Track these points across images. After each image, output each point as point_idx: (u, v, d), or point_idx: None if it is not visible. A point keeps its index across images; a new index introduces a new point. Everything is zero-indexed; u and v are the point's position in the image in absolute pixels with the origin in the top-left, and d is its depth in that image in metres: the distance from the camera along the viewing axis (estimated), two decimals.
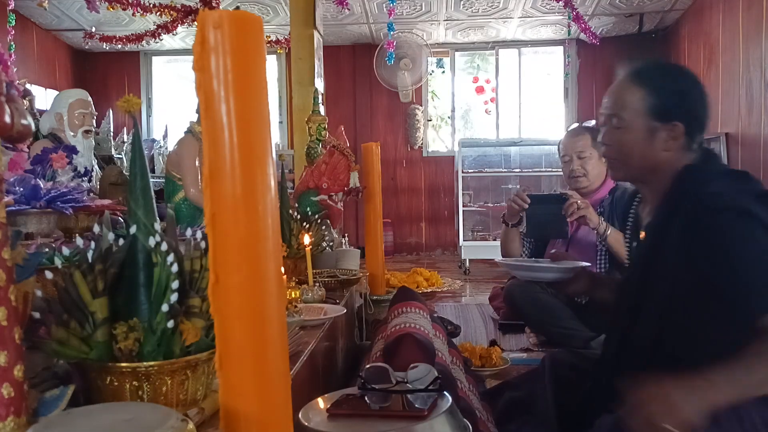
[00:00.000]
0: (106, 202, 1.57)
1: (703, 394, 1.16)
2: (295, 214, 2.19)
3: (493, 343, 2.68)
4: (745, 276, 1.27)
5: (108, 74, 7.63)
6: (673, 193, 1.43)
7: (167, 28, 5.82)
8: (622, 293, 1.58)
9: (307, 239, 1.85)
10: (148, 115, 7.77)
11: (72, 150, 1.69)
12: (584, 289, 1.81)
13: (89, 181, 2.31)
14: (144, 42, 6.33)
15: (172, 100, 7.89)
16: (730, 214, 1.29)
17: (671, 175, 1.45)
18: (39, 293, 0.79)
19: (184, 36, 6.97)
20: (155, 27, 5.91)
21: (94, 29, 6.47)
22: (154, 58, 7.80)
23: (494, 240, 6.15)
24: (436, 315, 2.11)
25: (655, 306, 1.40)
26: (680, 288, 1.35)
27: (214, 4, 5.13)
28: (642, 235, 1.56)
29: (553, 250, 1.67)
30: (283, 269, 0.95)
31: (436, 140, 7.92)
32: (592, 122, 4.97)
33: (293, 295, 1.71)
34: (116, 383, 0.78)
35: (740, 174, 1.42)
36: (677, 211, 1.38)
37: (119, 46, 6.42)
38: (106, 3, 5.19)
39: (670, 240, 1.38)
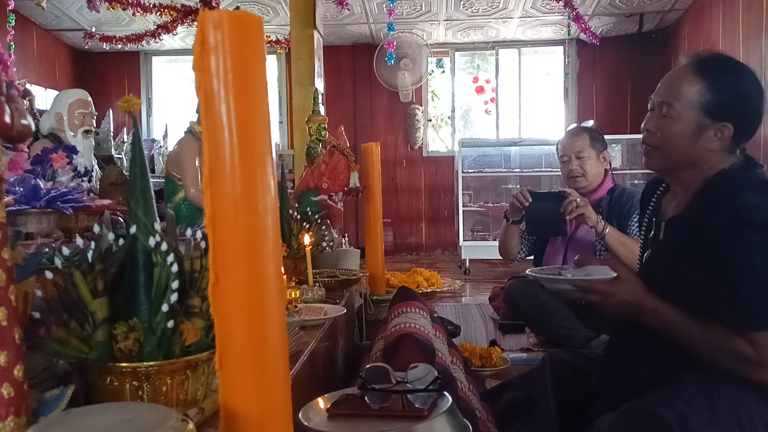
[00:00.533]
0: (106, 202, 1.57)
1: (647, 312, 1.39)
2: (295, 214, 2.19)
3: (493, 343, 2.68)
4: (748, 291, 1.27)
5: (108, 74, 7.63)
6: (707, 195, 1.40)
7: (167, 28, 5.82)
8: None
9: (307, 239, 1.85)
10: (148, 115, 7.77)
11: (72, 150, 1.69)
12: None
13: (89, 181, 2.31)
14: (144, 42, 6.33)
15: (172, 100, 7.89)
16: (758, 228, 1.27)
17: (706, 175, 1.42)
18: (39, 293, 0.79)
19: (184, 36, 6.97)
20: (155, 27, 5.92)
21: (94, 29, 6.47)
22: (154, 58, 7.80)
23: (494, 240, 6.13)
24: (436, 315, 2.10)
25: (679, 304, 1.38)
26: (702, 294, 1.34)
27: (214, 4, 5.13)
28: (662, 226, 1.52)
29: (576, 257, 1.63)
30: (282, 269, 0.95)
31: (436, 140, 7.92)
32: (591, 122, 4.93)
33: (293, 295, 1.71)
34: (116, 383, 0.78)
35: None
36: (709, 217, 1.35)
37: (119, 46, 6.42)
38: (106, 3, 5.19)
39: (699, 248, 1.35)
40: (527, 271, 1.75)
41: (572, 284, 1.49)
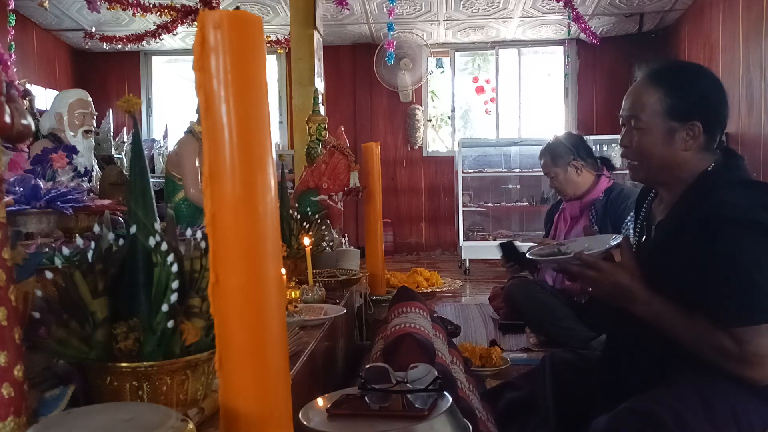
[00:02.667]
0: (106, 202, 1.57)
1: (639, 302, 1.40)
2: (295, 214, 2.19)
3: (493, 343, 2.68)
4: (731, 287, 1.29)
5: (108, 74, 7.63)
6: (688, 197, 1.44)
7: (167, 28, 5.82)
8: None
9: (306, 241, 1.85)
10: (148, 115, 7.77)
11: (72, 150, 1.69)
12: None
13: (89, 181, 2.31)
14: (144, 42, 6.33)
15: (172, 100, 7.89)
16: (737, 224, 1.30)
17: (689, 176, 1.45)
18: (39, 293, 0.79)
19: (184, 36, 6.97)
20: (155, 27, 5.91)
21: (94, 29, 6.47)
22: (154, 58, 7.80)
23: (494, 240, 6.15)
24: (436, 315, 2.10)
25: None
26: (688, 292, 1.36)
27: (214, 4, 5.13)
28: (653, 230, 1.55)
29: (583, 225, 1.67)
30: (284, 270, 0.95)
31: (436, 140, 7.92)
32: (560, 134, 4.52)
33: (293, 295, 1.71)
34: (116, 383, 0.78)
35: (757, 184, 1.41)
36: (690, 216, 1.39)
37: (119, 46, 6.42)
38: (106, 3, 5.19)
39: (682, 247, 1.38)
40: (527, 254, 1.76)
41: (578, 258, 1.49)
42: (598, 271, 1.45)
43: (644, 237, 1.61)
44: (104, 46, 6.63)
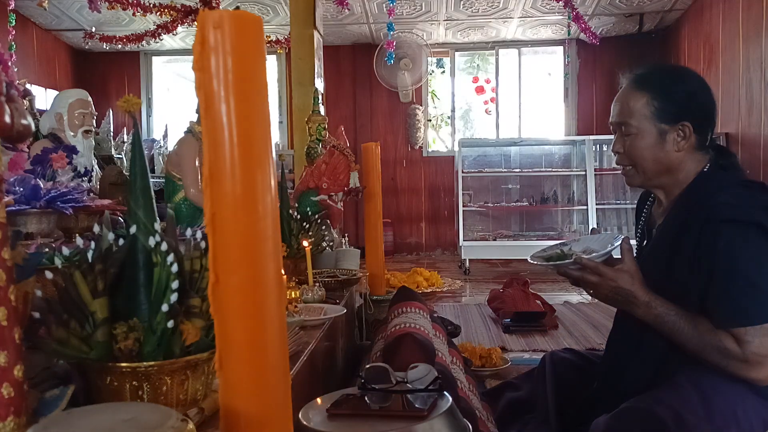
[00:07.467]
0: (106, 202, 1.57)
1: (640, 305, 1.39)
2: (295, 214, 2.19)
3: (503, 350, 2.68)
4: (731, 287, 1.30)
5: (108, 74, 7.63)
6: (686, 199, 1.44)
7: (167, 28, 5.83)
8: None
9: (306, 244, 1.85)
10: (148, 115, 7.77)
11: (72, 150, 1.69)
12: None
13: (89, 181, 2.31)
14: (144, 42, 6.33)
15: (172, 100, 7.89)
16: (736, 225, 1.30)
17: (686, 178, 1.46)
18: (39, 293, 0.79)
19: (184, 36, 6.97)
20: (155, 27, 5.92)
21: (94, 29, 6.47)
22: (154, 58, 7.80)
23: (494, 240, 6.15)
24: (436, 315, 2.10)
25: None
26: (689, 294, 1.36)
27: (214, 4, 5.13)
28: (653, 234, 1.56)
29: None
30: (284, 272, 0.95)
31: (436, 140, 7.92)
32: None
33: (293, 295, 1.71)
34: (116, 383, 0.78)
35: (755, 184, 1.42)
36: (690, 218, 1.39)
37: (119, 46, 6.42)
38: (106, 3, 5.19)
39: (682, 249, 1.38)
40: (529, 258, 1.75)
41: (578, 262, 1.48)
42: (598, 275, 1.45)
43: (645, 241, 1.61)
44: (104, 46, 6.64)
